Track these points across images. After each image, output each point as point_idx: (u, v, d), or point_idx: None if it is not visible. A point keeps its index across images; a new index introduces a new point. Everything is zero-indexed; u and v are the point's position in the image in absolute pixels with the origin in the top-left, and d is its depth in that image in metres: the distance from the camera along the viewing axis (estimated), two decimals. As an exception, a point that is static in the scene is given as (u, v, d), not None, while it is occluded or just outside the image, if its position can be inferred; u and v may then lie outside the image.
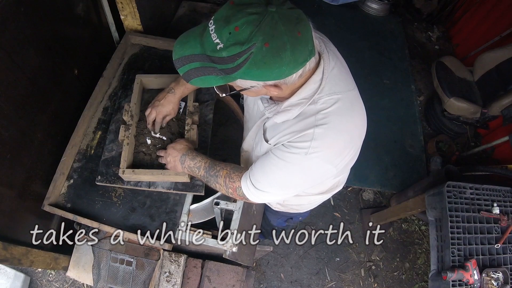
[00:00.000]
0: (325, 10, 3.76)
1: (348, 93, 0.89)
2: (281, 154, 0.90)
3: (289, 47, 0.70)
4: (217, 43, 0.71)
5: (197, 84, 0.80)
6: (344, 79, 0.91)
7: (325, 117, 0.85)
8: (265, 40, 0.68)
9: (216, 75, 0.76)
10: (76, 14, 1.39)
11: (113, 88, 1.49)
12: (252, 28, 0.68)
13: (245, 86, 0.81)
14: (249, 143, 1.18)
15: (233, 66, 0.72)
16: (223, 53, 0.71)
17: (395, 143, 3.02)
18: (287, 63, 0.72)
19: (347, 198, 2.80)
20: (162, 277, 1.35)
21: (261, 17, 0.68)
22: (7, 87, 1.06)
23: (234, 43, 0.69)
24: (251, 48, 0.69)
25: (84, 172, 1.34)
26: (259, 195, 0.99)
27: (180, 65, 0.79)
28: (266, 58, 0.70)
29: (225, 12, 0.71)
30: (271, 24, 0.68)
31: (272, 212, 1.67)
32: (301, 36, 0.71)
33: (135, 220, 1.28)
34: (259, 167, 0.97)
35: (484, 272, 1.63)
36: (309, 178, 0.94)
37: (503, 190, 1.88)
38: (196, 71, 0.77)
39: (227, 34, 0.69)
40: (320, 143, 0.84)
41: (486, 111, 2.63)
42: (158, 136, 1.32)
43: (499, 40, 2.98)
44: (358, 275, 2.52)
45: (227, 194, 1.10)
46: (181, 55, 0.78)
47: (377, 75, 3.39)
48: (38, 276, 2.24)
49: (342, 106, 0.86)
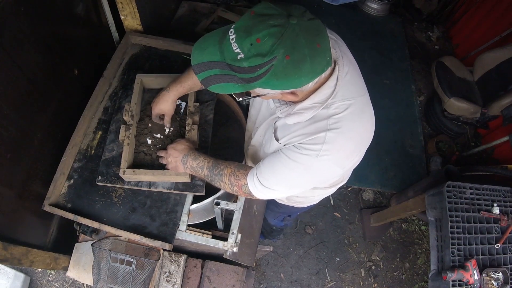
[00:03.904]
0: (325, 10, 3.76)
1: (360, 99, 0.91)
2: (292, 155, 0.92)
3: (308, 59, 0.71)
4: (237, 53, 0.72)
5: (216, 90, 0.81)
6: (356, 84, 0.93)
7: (337, 122, 0.87)
8: (286, 52, 0.69)
9: (236, 83, 0.77)
10: (76, 14, 1.39)
11: (113, 88, 1.49)
12: (274, 40, 0.69)
13: (263, 93, 0.83)
14: (257, 139, 1.19)
15: (254, 76, 0.73)
16: (244, 63, 0.72)
17: (395, 143, 3.02)
18: (306, 74, 0.73)
19: (347, 198, 2.80)
20: (162, 277, 1.35)
21: (283, 29, 0.69)
22: (7, 87, 1.06)
23: (255, 55, 0.70)
24: (273, 60, 0.70)
25: (85, 172, 1.34)
26: (266, 192, 1.01)
27: (198, 71, 0.79)
28: (286, 70, 0.71)
29: (246, 22, 0.71)
30: (292, 37, 0.69)
31: (272, 209, 1.68)
32: (320, 47, 0.72)
33: (136, 220, 1.28)
34: (267, 165, 0.99)
35: (484, 272, 1.63)
36: (316, 178, 0.97)
37: (503, 190, 1.88)
38: (215, 78, 0.78)
39: (249, 45, 0.70)
40: (331, 147, 0.87)
41: (486, 111, 2.63)
42: (158, 136, 1.32)
43: (499, 40, 2.98)
44: (358, 275, 2.52)
45: (232, 192, 1.11)
46: (199, 61, 0.78)
47: (377, 75, 3.39)
48: (38, 276, 2.24)
49: (353, 111, 0.88)
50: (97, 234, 1.39)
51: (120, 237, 1.35)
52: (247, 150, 1.30)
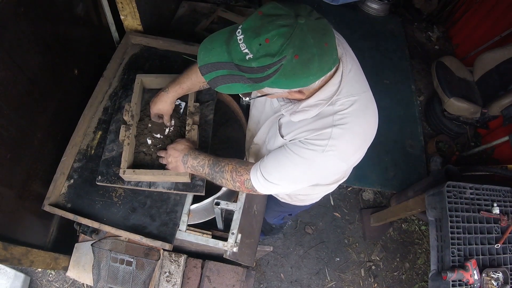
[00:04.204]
0: (325, 10, 3.75)
1: (364, 95, 0.92)
2: (298, 150, 0.92)
3: (317, 59, 0.72)
4: (246, 53, 0.72)
5: (223, 91, 0.81)
6: (360, 81, 0.94)
7: (343, 118, 0.88)
8: (295, 52, 0.70)
9: (244, 83, 0.77)
10: (76, 14, 1.39)
11: (113, 88, 1.49)
12: (283, 40, 0.69)
13: (271, 92, 0.84)
14: (260, 137, 1.19)
15: (262, 76, 0.73)
16: (253, 63, 0.72)
17: (395, 143, 3.02)
18: (314, 73, 0.74)
19: (347, 198, 2.80)
20: (162, 277, 1.35)
21: (292, 29, 0.69)
22: (7, 87, 1.06)
23: (264, 55, 0.70)
24: (282, 60, 0.70)
25: (85, 172, 1.34)
26: (269, 187, 1.01)
27: (205, 72, 0.79)
28: (295, 69, 0.72)
29: (254, 22, 0.72)
30: (301, 37, 0.70)
31: (272, 209, 1.68)
32: (327, 46, 0.73)
33: (136, 220, 1.28)
34: (272, 160, 0.99)
35: (484, 272, 1.63)
36: (321, 174, 0.97)
37: (503, 190, 1.88)
38: (223, 79, 0.78)
39: (257, 45, 0.70)
40: (337, 142, 0.88)
41: (486, 111, 2.63)
42: (158, 136, 1.32)
43: (499, 40, 2.98)
44: (358, 275, 2.52)
45: (234, 189, 1.11)
46: (206, 62, 0.78)
47: (377, 75, 3.39)
48: (38, 276, 2.24)
49: (358, 107, 0.89)
50: (97, 234, 1.39)
51: (120, 237, 1.35)
52: (250, 149, 1.30)
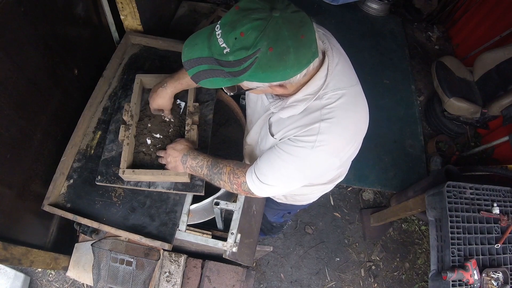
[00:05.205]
0: (325, 10, 3.76)
1: (352, 88, 0.91)
2: (288, 148, 0.92)
3: (292, 51, 0.72)
4: (223, 48, 0.74)
5: (206, 85, 0.83)
6: (348, 75, 0.94)
7: (330, 112, 0.87)
8: (269, 45, 0.71)
9: (224, 77, 0.79)
10: (76, 14, 1.39)
11: (113, 88, 1.49)
12: (257, 33, 0.70)
13: (252, 86, 0.84)
14: (253, 137, 1.19)
15: (240, 69, 0.75)
16: (230, 57, 0.74)
17: (395, 143, 3.02)
18: (291, 65, 0.74)
19: (347, 198, 2.80)
20: (162, 277, 1.35)
21: (266, 22, 0.71)
22: (7, 87, 1.06)
23: (240, 48, 0.72)
24: (256, 53, 0.72)
25: (84, 172, 1.34)
26: (265, 189, 1.01)
27: (189, 67, 0.81)
28: (270, 62, 0.73)
29: (231, 17, 0.73)
30: (275, 29, 0.71)
31: (271, 207, 1.68)
32: (304, 39, 0.73)
33: (135, 220, 1.28)
34: (265, 161, 0.99)
35: (484, 272, 1.63)
36: (314, 171, 0.97)
37: (503, 190, 1.88)
38: (205, 73, 0.80)
39: (233, 39, 0.72)
40: (326, 137, 0.87)
41: (486, 111, 2.63)
42: (158, 136, 1.32)
43: (499, 40, 2.98)
44: (358, 275, 2.52)
45: (231, 191, 1.11)
46: (190, 57, 0.80)
47: (377, 75, 3.39)
48: (38, 276, 2.24)
49: (346, 101, 0.88)
50: (97, 234, 1.39)
51: (120, 237, 1.35)
52: (244, 150, 1.30)
